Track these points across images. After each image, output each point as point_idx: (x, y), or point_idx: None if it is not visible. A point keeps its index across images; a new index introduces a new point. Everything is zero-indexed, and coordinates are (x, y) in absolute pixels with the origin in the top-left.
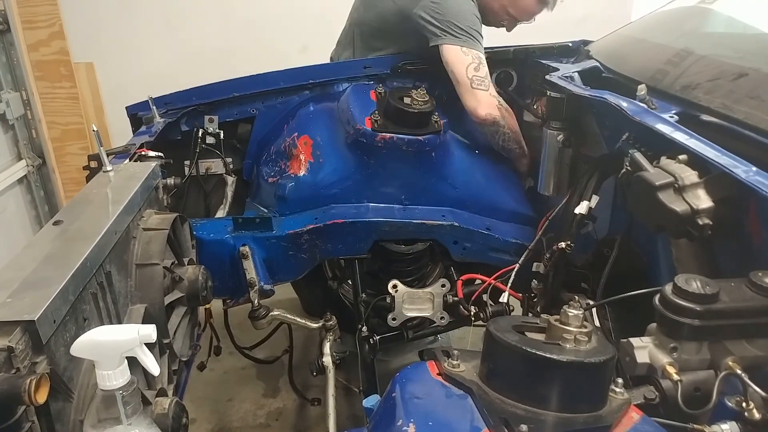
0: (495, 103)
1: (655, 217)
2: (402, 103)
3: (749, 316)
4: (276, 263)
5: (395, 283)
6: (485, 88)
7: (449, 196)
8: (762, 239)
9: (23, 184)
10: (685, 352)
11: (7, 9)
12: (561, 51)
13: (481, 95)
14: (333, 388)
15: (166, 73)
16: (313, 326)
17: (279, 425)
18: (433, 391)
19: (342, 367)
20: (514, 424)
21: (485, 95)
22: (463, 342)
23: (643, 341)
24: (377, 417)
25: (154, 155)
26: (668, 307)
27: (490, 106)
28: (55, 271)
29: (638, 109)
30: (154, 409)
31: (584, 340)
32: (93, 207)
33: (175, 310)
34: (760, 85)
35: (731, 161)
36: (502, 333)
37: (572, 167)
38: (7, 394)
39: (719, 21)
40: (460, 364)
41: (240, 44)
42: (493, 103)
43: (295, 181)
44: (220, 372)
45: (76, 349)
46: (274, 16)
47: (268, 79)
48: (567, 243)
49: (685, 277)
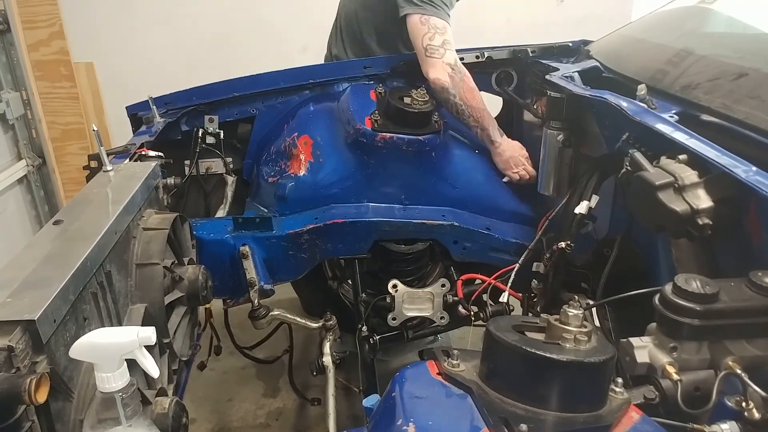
0: (447, 70)
1: (655, 217)
2: (402, 103)
3: (749, 316)
4: (276, 263)
5: (395, 283)
6: (438, 56)
7: (449, 195)
8: (762, 239)
9: (23, 184)
10: (685, 351)
11: (7, 9)
12: (561, 51)
13: (433, 62)
14: (333, 388)
15: (166, 73)
16: (313, 326)
17: (279, 425)
18: (433, 390)
19: (342, 367)
20: (513, 424)
21: (437, 62)
22: (463, 342)
23: (643, 341)
24: (377, 417)
25: (154, 155)
26: (668, 307)
27: (439, 71)
28: (55, 271)
29: (638, 109)
30: (154, 408)
31: (584, 339)
32: (93, 207)
33: (175, 310)
34: (760, 85)
35: (731, 161)
36: (502, 333)
37: (572, 167)
38: (7, 394)
39: (719, 21)
40: (460, 364)
41: (240, 44)
42: (444, 69)
43: (295, 180)
44: (220, 372)
45: (75, 352)
46: (274, 16)
47: (268, 79)
48: (567, 243)
49: (685, 277)
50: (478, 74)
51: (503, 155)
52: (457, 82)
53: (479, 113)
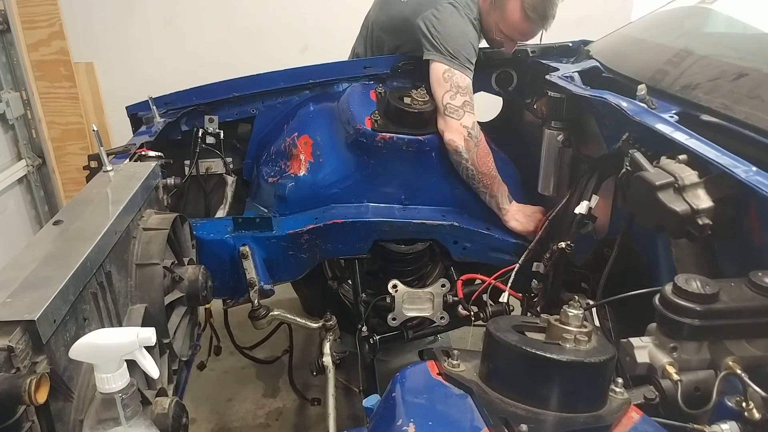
0: (463, 133)
1: (655, 217)
2: (402, 103)
3: (749, 316)
4: (276, 263)
5: (395, 283)
6: (456, 118)
7: (449, 195)
8: (762, 239)
9: (23, 184)
10: (685, 352)
11: (7, 9)
12: (561, 51)
13: (450, 122)
14: (333, 388)
15: (166, 73)
16: (313, 326)
17: (279, 425)
18: (433, 390)
19: (342, 367)
20: (514, 424)
21: (454, 123)
22: (463, 342)
23: (643, 341)
24: (377, 417)
25: (154, 155)
26: (668, 307)
27: (455, 133)
28: (55, 271)
29: (638, 109)
30: (154, 408)
31: (584, 339)
32: (93, 207)
33: (175, 310)
34: (760, 85)
35: (731, 161)
36: (502, 333)
37: (572, 167)
38: (7, 394)
39: (719, 21)
40: (460, 364)
41: (240, 44)
42: (461, 132)
43: (295, 181)
44: (220, 372)
45: (74, 353)
46: (274, 16)
47: (268, 79)
48: (567, 243)
49: (685, 277)
50: (479, 74)
51: (510, 222)
52: (471, 146)
53: (490, 180)
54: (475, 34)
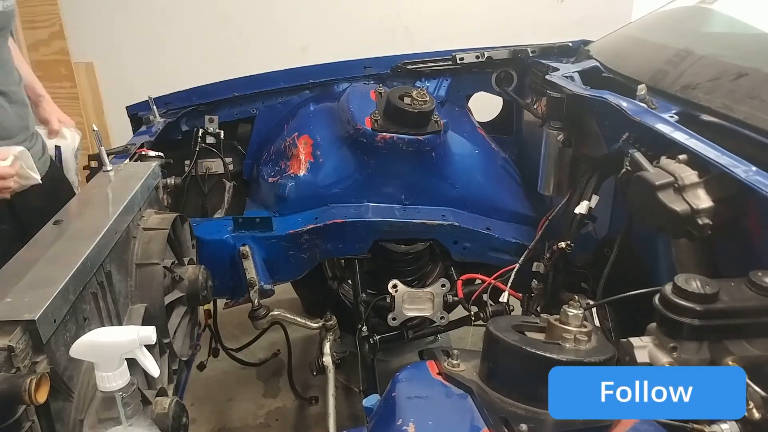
0: None
1: (655, 217)
2: (402, 103)
3: (749, 316)
4: (276, 263)
5: (395, 283)
6: None
7: (449, 195)
8: (762, 239)
9: None
10: (684, 351)
11: None
12: (561, 51)
13: None
14: (333, 388)
15: (166, 73)
16: (313, 326)
17: (279, 425)
18: (433, 390)
19: (342, 367)
20: (513, 424)
21: None
22: (463, 342)
23: (643, 341)
24: (377, 416)
25: (154, 155)
26: (668, 307)
27: None
28: (56, 271)
29: (638, 109)
30: (154, 408)
31: (584, 339)
32: (93, 207)
33: (175, 310)
34: (760, 85)
35: (731, 161)
36: (502, 333)
37: (572, 167)
38: (7, 394)
39: (719, 21)
40: (460, 364)
41: (240, 44)
42: None
43: (295, 180)
44: (220, 372)
45: (75, 351)
46: (274, 16)
47: (268, 79)
48: (567, 243)
49: (685, 277)
50: (478, 74)
51: None
52: None
53: None
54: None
